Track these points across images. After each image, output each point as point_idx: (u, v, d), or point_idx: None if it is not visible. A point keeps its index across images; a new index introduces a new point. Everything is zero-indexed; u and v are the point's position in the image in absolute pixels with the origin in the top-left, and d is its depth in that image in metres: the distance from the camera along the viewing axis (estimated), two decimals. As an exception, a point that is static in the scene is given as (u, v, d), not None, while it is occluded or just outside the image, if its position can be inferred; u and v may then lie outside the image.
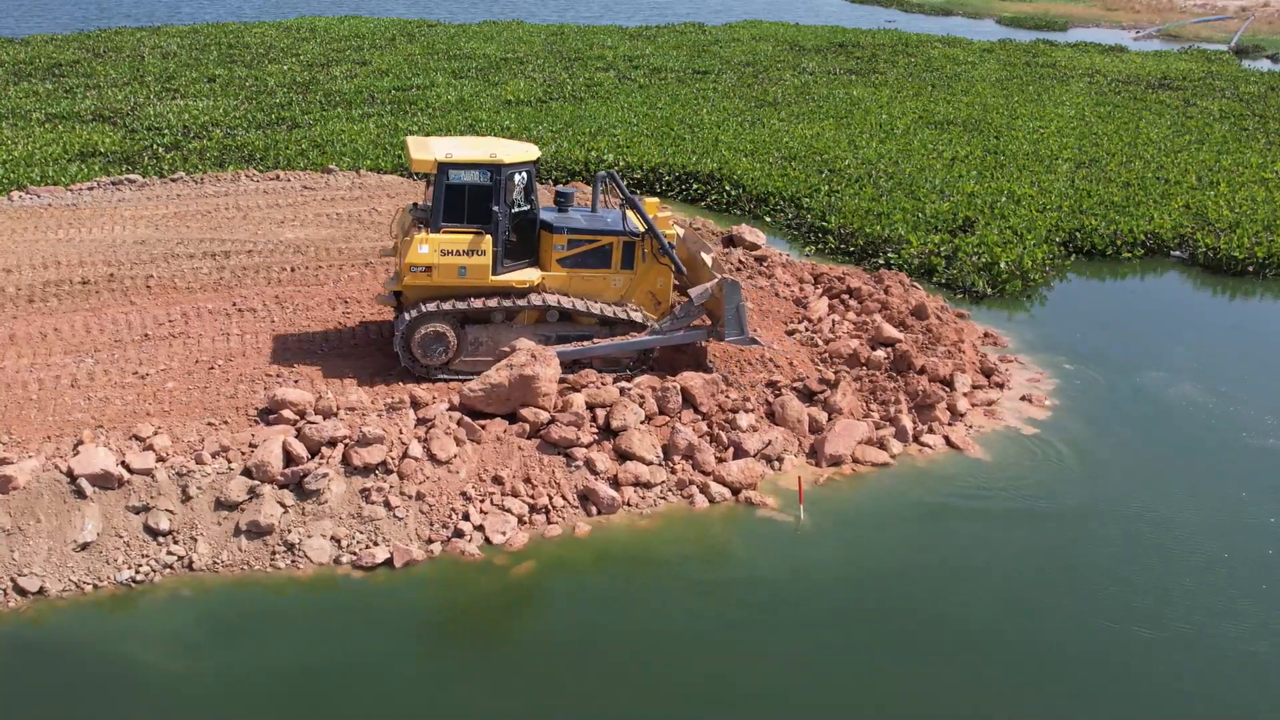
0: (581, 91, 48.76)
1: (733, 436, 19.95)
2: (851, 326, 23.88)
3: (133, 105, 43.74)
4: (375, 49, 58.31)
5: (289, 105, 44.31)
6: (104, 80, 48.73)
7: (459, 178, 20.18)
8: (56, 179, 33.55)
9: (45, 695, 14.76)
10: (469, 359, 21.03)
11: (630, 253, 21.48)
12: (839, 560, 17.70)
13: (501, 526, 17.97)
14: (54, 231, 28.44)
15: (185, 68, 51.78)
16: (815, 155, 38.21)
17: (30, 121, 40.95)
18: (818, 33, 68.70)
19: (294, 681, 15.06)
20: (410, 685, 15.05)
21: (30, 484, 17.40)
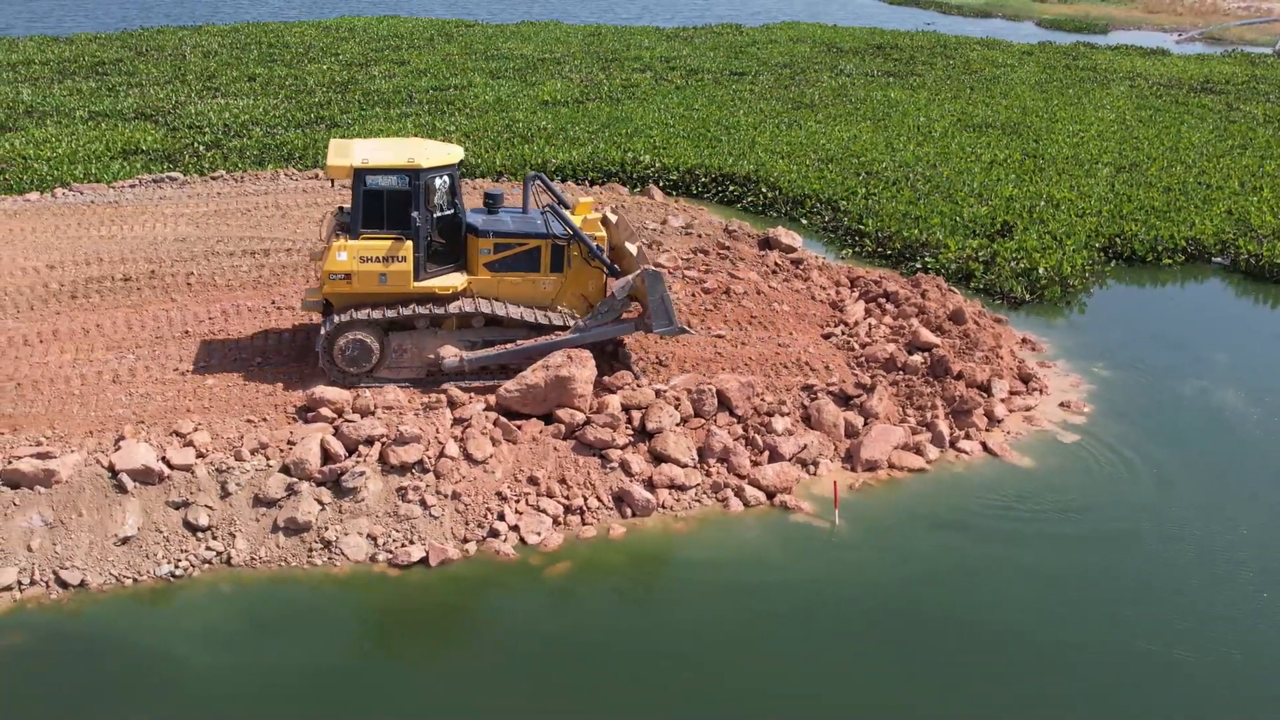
0: (618, 92, 48.81)
1: (768, 440, 19.92)
2: (888, 331, 23.78)
3: (174, 103, 44.19)
4: (414, 49, 58.61)
5: (328, 105, 44.62)
6: (146, 79, 49.26)
7: (376, 183, 19.74)
8: (99, 176, 33.96)
9: (85, 686, 14.95)
10: (393, 366, 20.64)
11: (560, 255, 20.99)
12: (874, 566, 17.63)
13: (536, 527, 18.03)
14: (96, 229, 28.79)
15: (226, 67, 52.25)
16: (852, 158, 38.07)
17: (74, 119, 41.46)
18: (856, 34, 68.43)
19: (330, 678, 15.17)
20: (445, 684, 15.13)
21: (73, 478, 17.63)
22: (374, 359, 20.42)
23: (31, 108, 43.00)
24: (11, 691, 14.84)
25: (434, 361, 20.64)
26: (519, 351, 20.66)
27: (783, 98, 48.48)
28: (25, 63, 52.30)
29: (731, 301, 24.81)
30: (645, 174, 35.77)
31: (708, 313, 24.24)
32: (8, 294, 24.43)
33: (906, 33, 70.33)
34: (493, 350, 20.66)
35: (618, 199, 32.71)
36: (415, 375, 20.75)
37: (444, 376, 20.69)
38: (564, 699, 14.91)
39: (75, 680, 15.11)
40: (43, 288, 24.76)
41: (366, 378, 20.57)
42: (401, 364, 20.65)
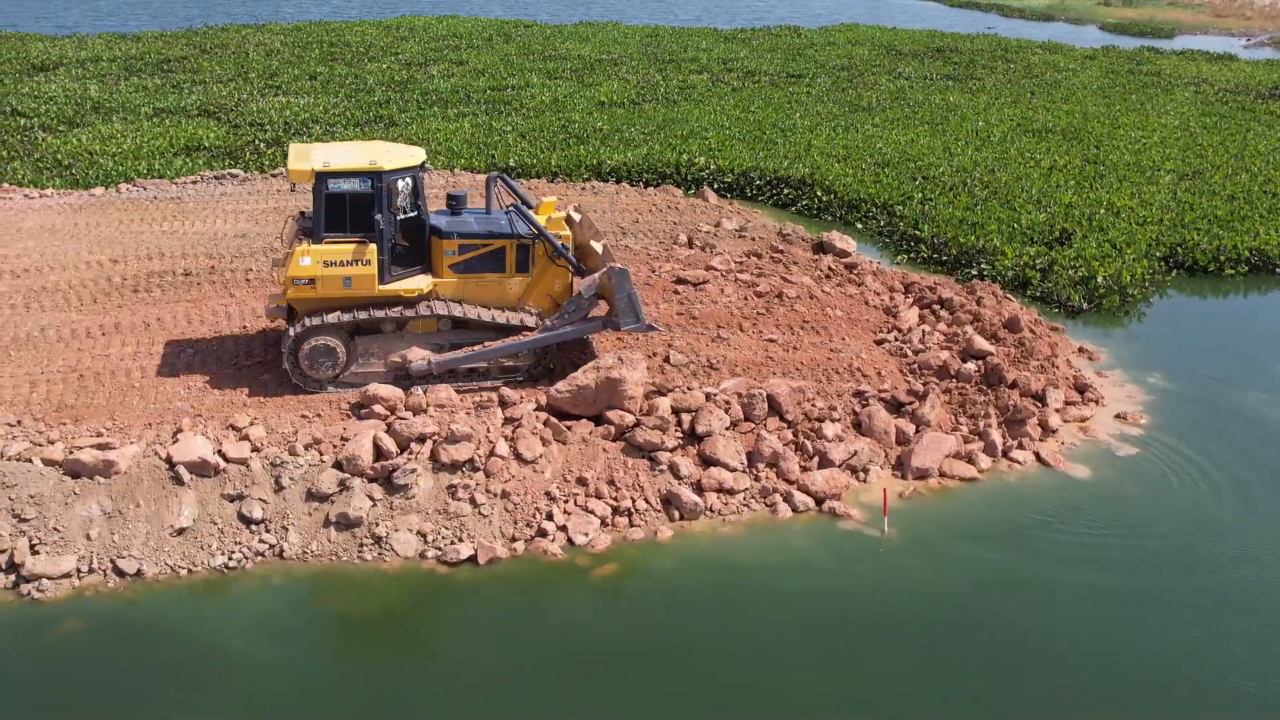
0: (675, 94, 48.84)
1: (818, 445, 19.83)
2: (942, 338, 23.57)
3: (236, 101, 44.86)
4: (472, 49, 59.04)
5: (387, 103, 45.08)
6: (210, 76, 50.05)
7: (338, 186, 19.52)
8: (162, 172, 34.56)
9: (141, 674, 15.23)
10: (360, 371, 20.50)
11: (525, 255, 20.82)
12: (924, 575, 17.49)
13: (585, 528, 18.09)
14: (159, 224, 29.31)
15: (288, 65, 52.95)
16: (909, 162, 37.80)
17: (139, 116, 42.23)
18: (915, 37, 67.93)
19: (379, 673, 15.34)
20: (492, 682, 15.23)
21: (131, 469, 17.97)
22: (340, 363, 20.29)
23: (99, 104, 43.86)
24: (69, 677, 15.17)
25: (401, 365, 20.50)
26: (486, 353, 20.56)
27: (840, 100, 48.25)
28: (94, 59, 53.36)
29: (784, 305, 24.72)
30: (700, 176, 35.75)
31: (760, 316, 24.17)
32: (72, 287, 24.95)
33: (967, 36, 69.69)
34: (460, 352, 20.54)
35: (672, 201, 32.74)
36: (383, 379, 20.52)
37: (411, 380, 20.57)
38: (609, 700, 14.95)
39: (131, 668, 15.40)
40: (105, 281, 25.25)
41: (333, 383, 20.42)
42: (368, 368, 20.49)
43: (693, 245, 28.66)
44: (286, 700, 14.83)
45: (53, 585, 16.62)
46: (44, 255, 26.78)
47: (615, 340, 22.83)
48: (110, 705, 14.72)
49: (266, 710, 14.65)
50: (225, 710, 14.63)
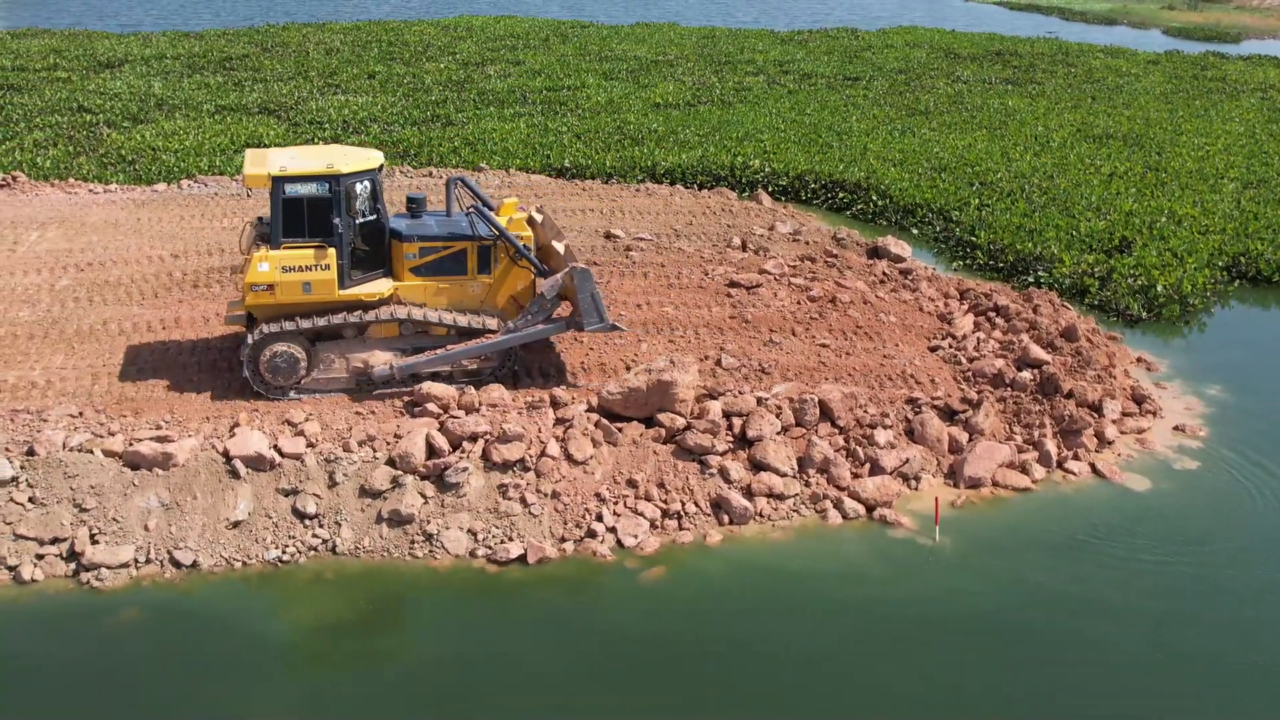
0: (730, 96, 48.76)
1: (870, 452, 19.72)
2: (997, 345, 23.33)
3: (296, 99, 45.42)
4: (529, 49, 59.32)
5: (444, 103, 45.42)
6: (270, 75, 50.71)
7: (295, 191, 19.32)
8: (223, 169, 35.07)
9: (196, 665, 15.48)
10: (321, 376, 20.31)
11: (486, 257, 20.60)
12: (976, 585, 17.32)
13: (634, 530, 18.12)
14: (219, 220, 29.74)
15: (347, 64, 53.52)
16: (966, 167, 37.45)
17: (201, 113, 42.89)
18: (974, 40, 67.32)
19: (428, 670, 15.46)
20: (539, 681, 15.29)
21: (189, 462, 18.26)
22: (301, 370, 20.12)
23: (162, 101, 44.61)
24: (126, 664, 15.45)
25: (363, 370, 20.32)
26: (449, 356, 20.38)
27: (897, 104, 47.92)
28: (158, 57, 54.27)
29: (837, 310, 24.60)
30: (754, 179, 35.68)
31: (813, 321, 24.07)
32: (134, 281, 25.40)
33: (1027, 39, 68.93)
34: (423, 356, 20.36)
35: (726, 204, 32.69)
36: (345, 385, 20.42)
37: (374, 385, 20.46)
38: (657, 703, 14.95)
39: (185, 657, 15.65)
40: (166, 276, 25.68)
41: (294, 390, 20.26)
42: (330, 374, 20.34)
43: (746, 248, 28.60)
44: (337, 695, 15.01)
45: (111, 574, 16.93)
46: (107, 249, 27.29)
47: (667, 343, 22.86)
48: (164, 693, 14.97)
49: (317, 704, 14.83)
50: (276, 703, 14.83)
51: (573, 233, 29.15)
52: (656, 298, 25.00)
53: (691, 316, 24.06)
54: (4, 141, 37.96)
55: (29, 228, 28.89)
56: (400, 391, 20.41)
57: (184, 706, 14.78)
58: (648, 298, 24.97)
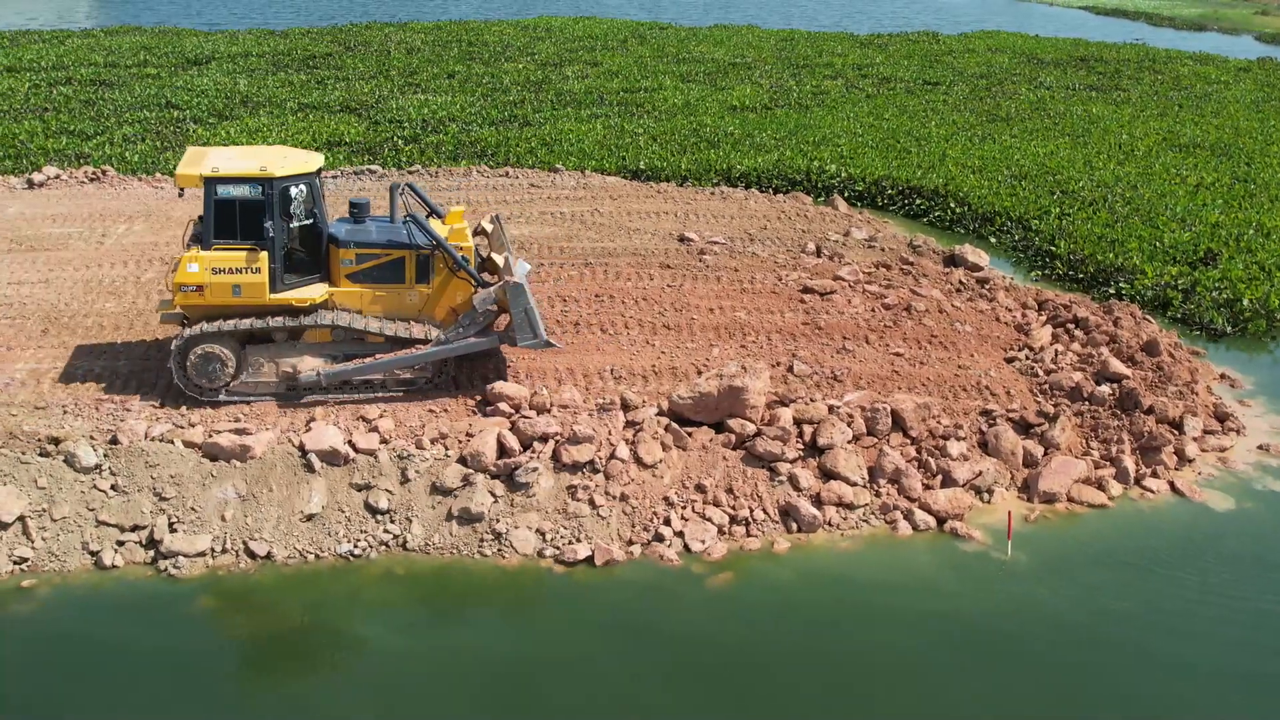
0: (807, 99, 48.49)
1: (942, 464, 19.49)
2: (1075, 358, 22.92)
3: (377, 98, 46.03)
4: (607, 50, 59.51)
5: (521, 103, 45.73)
6: (352, 73, 51.46)
7: (228, 192, 19.05)
8: (305, 166, 35.60)
9: (267, 655, 15.80)
10: (250, 380, 19.99)
11: (425, 266, 20.15)
12: (1050, 601, 17.05)
13: (701, 535, 18.10)
14: (300, 216, 30.19)
15: (427, 63, 54.12)
16: (1047, 175, 36.84)
17: (284, 110, 43.65)
18: (1058, 45, 66.20)
19: (493, 668, 15.59)
20: (604, 684, 15.36)
21: (266, 455, 18.60)
22: (229, 373, 19.82)
23: (247, 98, 45.48)
24: (201, 652, 15.79)
25: (291, 375, 20.00)
26: (377, 365, 20.09)
27: (977, 110, 47.30)
28: (244, 54, 55.35)
29: (912, 319, 24.35)
30: (830, 184, 35.44)
31: (887, 329, 23.85)
32: (217, 275, 25.87)
33: (1113, 45, 67.61)
34: (350, 364, 20.08)
35: (801, 209, 32.51)
36: (274, 390, 20.14)
37: (302, 392, 20.20)
38: (722, 709, 14.94)
39: (258, 647, 15.97)
40: (249, 271, 26.12)
41: (224, 392, 19.99)
42: (259, 378, 20.04)
43: (821, 254, 28.42)
44: (405, 689, 15.19)
45: (188, 563, 17.32)
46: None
47: (739, 348, 22.81)
48: (238, 681, 15.28)
49: (385, 698, 15.02)
50: (346, 695, 15.06)
51: (646, 235, 29.21)
52: (729, 302, 24.94)
53: (764, 322, 23.96)
54: (95, 136, 38.97)
55: (116, 221, 29.64)
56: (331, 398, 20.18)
57: (255, 695, 15.07)
58: (720, 302, 24.92)
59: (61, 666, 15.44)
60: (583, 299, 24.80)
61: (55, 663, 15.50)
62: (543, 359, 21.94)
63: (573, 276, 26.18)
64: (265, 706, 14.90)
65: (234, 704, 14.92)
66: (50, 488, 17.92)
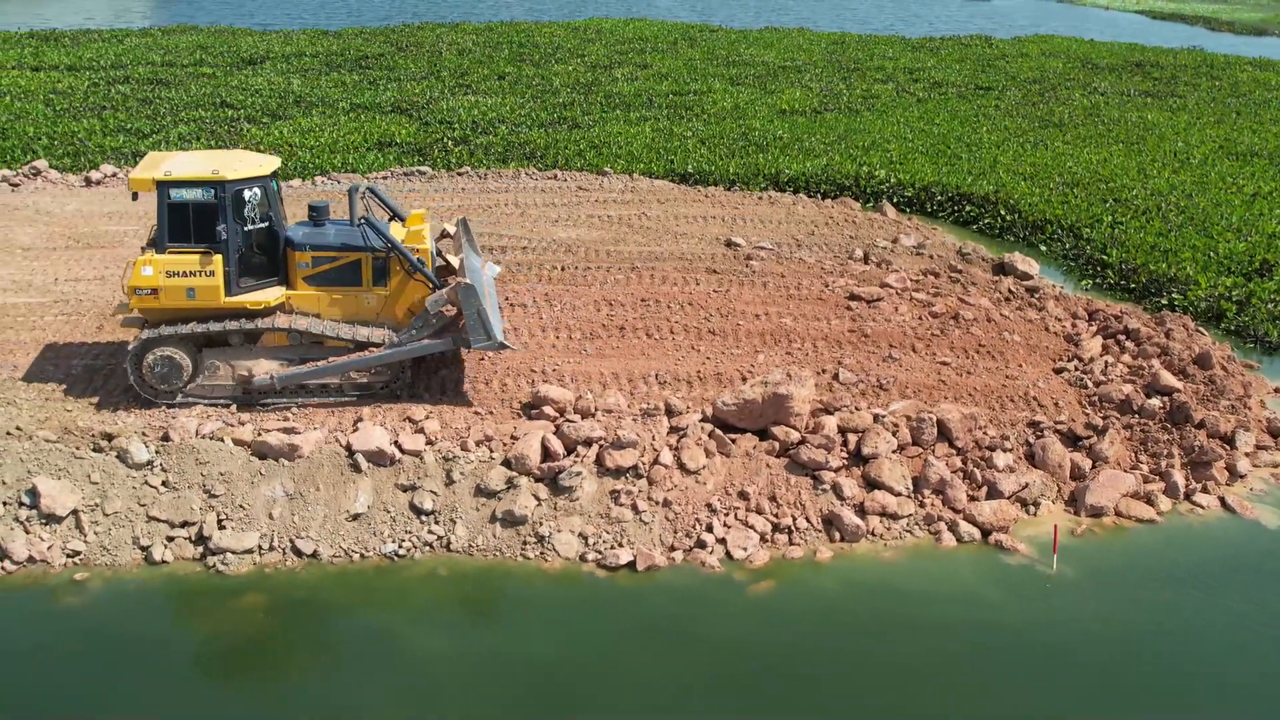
0: (858, 103, 48.25)
1: (988, 475, 19.35)
2: (1125, 370, 22.66)
3: (428, 99, 46.37)
4: (657, 52, 59.55)
5: (571, 105, 45.88)
6: (404, 74, 51.88)
7: (180, 196, 19.11)
8: (355, 166, 36.01)
9: (314, 652, 15.98)
10: (206, 383, 20.01)
11: (383, 269, 20.18)
12: (1096, 615, 16.87)
13: (744, 542, 18.09)
14: (350, 217, 30.48)
15: (479, 64, 54.44)
16: (1100, 182, 36.41)
17: (337, 110, 44.09)
18: (1113, 50, 65.38)
19: (538, 672, 15.67)
20: (644, 689, 15.39)
21: (314, 454, 18.83)
22: (185, 376, 19.82)
23: (300, 97, 45.99)
24: (247, 649, 16.02)
25: (246, 379, 20.02)
26: (329, 368, 20.03)
27: (1030, 115, 46.84)
28: (297, 54, 55.97)
29: (960, 328, 24.17)
30: (879, 189, 35.25)
31: (934, 338, 23.70)
32: (268, 274, 26.20)
33: (1169, 50, 66.68)
34: (304, 367, 20.02)
35: (849, 214, 32.37)
36: (230, 394, 20.17)
37: (257, 395, 20.20)
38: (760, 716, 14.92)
39: (303, 645, 16.16)
40: (299, 270, 26.42)
41: (181, 395, 20.02)
42: (215, 380, 20.06)
43: (868, 261, 28.29)
44: (445, 690, 15.30)
45: (236, 559, 17.57)
46: (244, 243, 28.23)
47: (784, 355, 22.76)
48: (281, 678, 15.48)
49: (425, 698, 15.15)
50: (386, 694, 15.19)
51: (692, 240, 29.22)
52: (775, 308, 24.89)
53: (810, 329, 23.90)
54: (151, 135, 39.58)
55: (172, 219, 30.05)
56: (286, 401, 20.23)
57: (297, 692, 15.26)
58: (766, 308, 24.88)
59: (111, 659, 15.74)
60: (629, 303, 24.85)
61: (105, 655, 15.81)
62: (588, 363, 22.05)
63: (619, 280, 26.24)
64: (307, 704, 15.07)
65: (276, 700, 15.11)
66: (103, 483, 18.25)
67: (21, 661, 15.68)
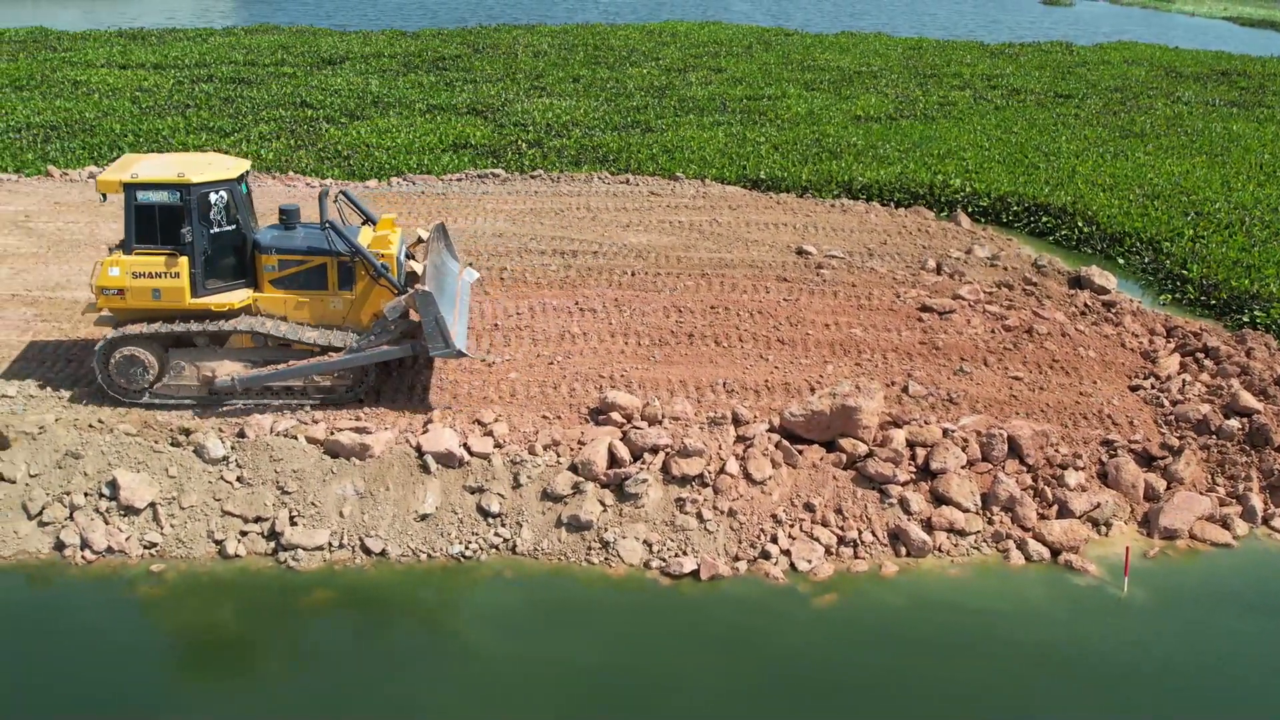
0: (934, 110, 47.79)
1: (1058, 493, 19.08)
2: (1204, 389, 22.19)
3: (503, 101, 46.77)
4: (731, 56, 59.48)
5: (644, 109, 45.99)
6: (480, 75, 52.38)
7: (147, 198, 19.34)
8: (430, 167, 36.44)
9: (380, 650, 16.21)
10: (173, 383, 20.15)
11: (348, 273, 20.26)
12: (1168, 640, 16.58)
13: (808, 554, 18.03)
14: (425, 219, 30.90)
15: (553, 67, 54.79)
16: (1182, 195, 35.68)
17: (413, 111, 44.64)
18: (1199, 58, 64.05)
19: (598, 677, 15.77)
20: (704, 699, 15.40)
21: (384, 454, 19.10)
22: (151, 376, 20.04)
23: (378, 98, 46.64)
24: (313, 644, 16.31)
25: (210, 380, 20.13)
26: (289, 372, 20.04)
27: (1110, 125, 46.05)
28: (376, 55, 56.77)
29: (1033, 342, 23.85)
30: (954, 198, 34.88)
31: (1006, 351, 23.41)
32: (343, 274, 26.61)
33: (1257, 58, 65.14)
34: (264, 370, 20.08)
35: (923, 223, 32.08)
36: (196, 394, 20.28)
37: (219, 396, 20.29)
38: (820, 733, 14.90)
39: (368, 643, 16.41)
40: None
41: (147, 394, 20.22)
42: (180, 381, 20.20)
43: (941, 271, 28.02)
44: (505, 692, 15.45)
45: (306, 556, 17.89)
46: (321, 242, 28.69)
47: (854, 366, 22.64)
48: (346, 674, 15.72)
49: (483, 699, 15.30)
50: (445, 694, 15.38)
51: (763, 247, 29.16)
52: (845, 318, 24.76)
53: (880, 340, 23.74)
54: (233, 133, 40.40)
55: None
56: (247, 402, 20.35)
57: (361, 689, 15.49)
58: (836, 318, 24.76)
59: (184, 649, 16.16)
60: (698, 310, 24.87)
61: (179, 644, 16.24)
62: (656, 369, 22.11)
63: (689, 287, 26.26)
64: (368, 700, 15.30)
65: (339, 696, 15.35)
66: (180, 477, 18.70)
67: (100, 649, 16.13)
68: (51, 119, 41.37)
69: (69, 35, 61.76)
